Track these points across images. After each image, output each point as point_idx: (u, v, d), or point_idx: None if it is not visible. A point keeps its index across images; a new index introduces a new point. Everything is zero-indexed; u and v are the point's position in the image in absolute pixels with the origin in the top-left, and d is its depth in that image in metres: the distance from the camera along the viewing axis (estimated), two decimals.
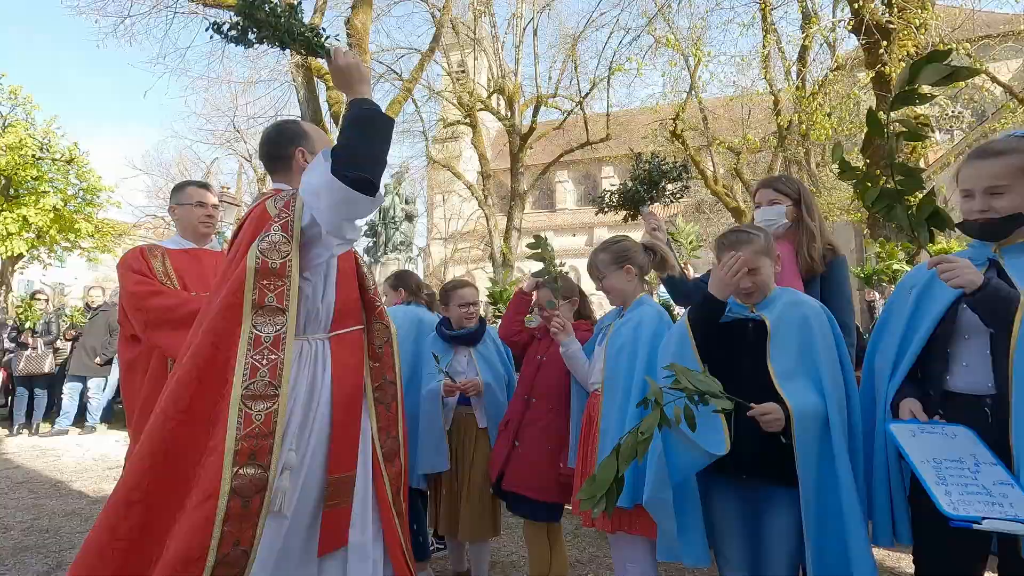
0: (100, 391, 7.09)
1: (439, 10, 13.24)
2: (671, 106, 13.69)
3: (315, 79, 9.25)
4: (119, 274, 2.39)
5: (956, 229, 1.57)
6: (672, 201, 2.63)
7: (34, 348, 6.97)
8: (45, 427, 6.97)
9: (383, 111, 1.59)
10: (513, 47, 16.41)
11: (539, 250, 2.49)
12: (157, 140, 44.49)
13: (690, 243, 3.72)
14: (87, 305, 7.61)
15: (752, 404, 1.62)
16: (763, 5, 10.34)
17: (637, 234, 2.70)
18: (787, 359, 1.72)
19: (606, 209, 2.66)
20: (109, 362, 6.99)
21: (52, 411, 7.21)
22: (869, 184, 1.76)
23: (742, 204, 14.18)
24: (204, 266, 2.50)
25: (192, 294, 2.35)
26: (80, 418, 7.07)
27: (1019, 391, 1.36)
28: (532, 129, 15.09)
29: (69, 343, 7.35)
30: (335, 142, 1.58)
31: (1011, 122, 11.86)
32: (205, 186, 2.68)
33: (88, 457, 5.64)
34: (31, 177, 13.52)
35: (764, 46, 10.53)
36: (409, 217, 19.07)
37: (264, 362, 1.49)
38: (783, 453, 1.63)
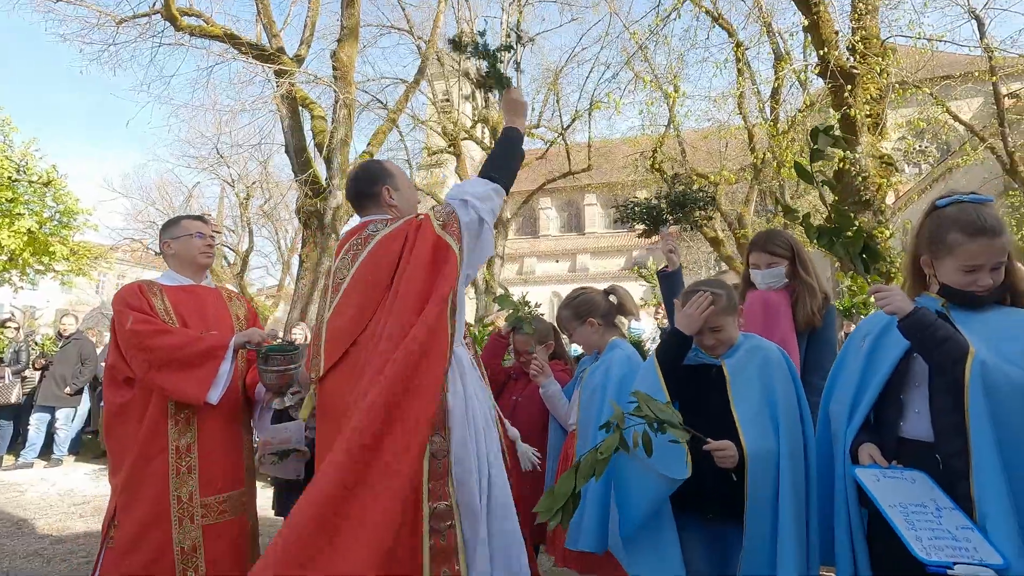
0: (68, 422, 6.90)
1: (425, 42, 13.53)
2: (650, 138, 14.06)
3: (300, 109, 9.34)
4: (116, 311, 2.25)
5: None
6: (693, 228, 2.72)
7: (1, 377, 6.78)
8: (9, 460, 6.74)
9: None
10: None
11: (506, 306, 2.56)
12: (138, 163, 44.00)
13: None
14: (59, 333, 7.46)
15: (708, 439, 1.68)
16: (736, 45, 10.76)
17: (619, 260, 2.80)
18: (749, 403, 1.79)
19: (627, 219, 2.72)
20: (80, 392, 6.82)
21: (17, 442, 6.98)
22: (810, 224, 1.93)
23: (720, 234, 14.49)
24: (203, 303, 2.40)
25: (201, 333, 2.25)
26: (47, 450, 6.85)
27: (977, 440, 1.39)
28: None
29: (38, 372, 7.17)
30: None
31: (972, 158, 12.40)
32: (200, 218, 2.60)
33: (53, 492, 5.46)
34: (6, 199, 13.27)
35: (739, 84, 10.92)
36: None
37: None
38: (741, 493, 1.69)
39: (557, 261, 31.84)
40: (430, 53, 12.56)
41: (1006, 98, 10.91)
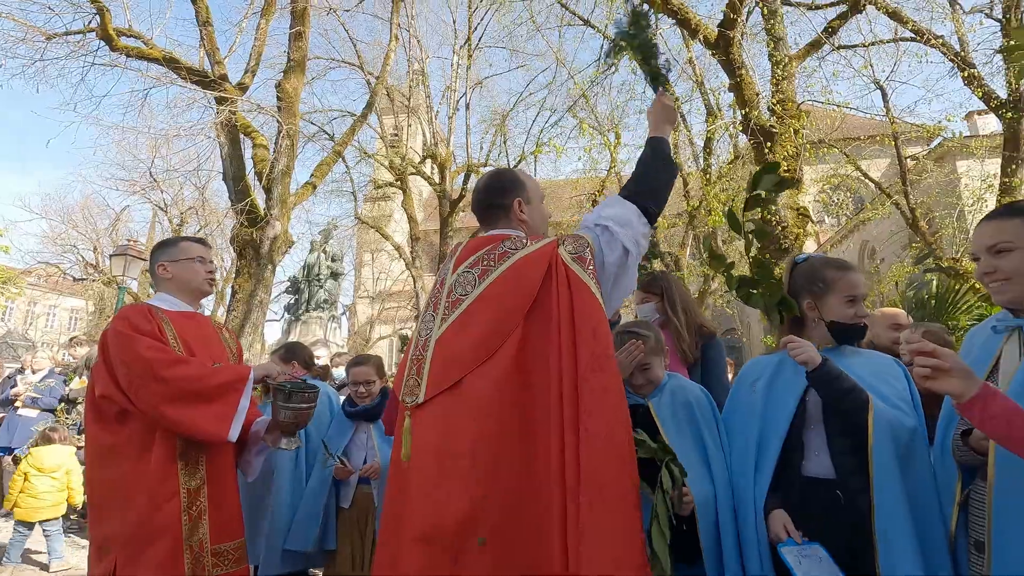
0: None
1: (375, 77, 13.66)
2: (592, 180, 14.61)
3: (241, 137, 9.15)
4: (121, 336, 1.94)
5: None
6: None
7: None
8: None
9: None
10: (447, 117, 17.06)
11: None
12: (60, 183, 41.41)
13: None
14: None
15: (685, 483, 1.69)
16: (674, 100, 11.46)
17: None
18: (684, 447, 1.81)
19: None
20: None
21: None
22: (731, 274, 2.01)
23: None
24: (205, 331, 2.19)
25: (215, 365, 2.03)
26: None
27: (879, 479, 1.51)
28: (462, 195, 15.52)
29: None
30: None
31: (881, 212, 13.59)
32: (202, 241, 2.36)
33: None
34: None
35: (673, 135, 11.60)
36: (335, 275, 18.70)
37: None
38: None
39: None
40: (379, 88, 12.66)
41: (908, 160, 12.09)
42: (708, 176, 11.59)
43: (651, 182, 1.66)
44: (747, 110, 6.32)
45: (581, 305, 1.45)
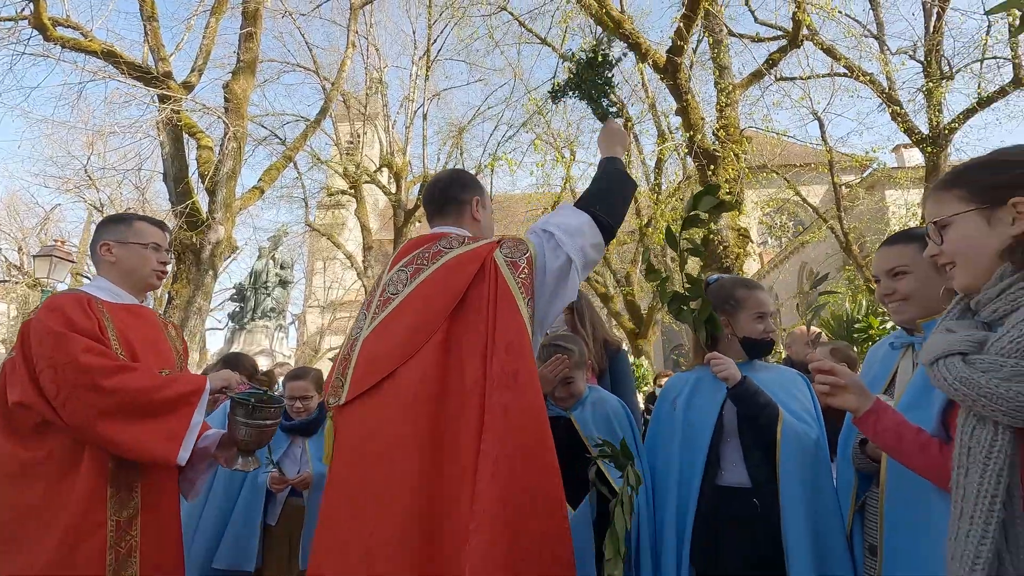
0: None
1: (330, 83, 13.46)
2: (548, 195, 14.82)
3: (185, 137, 8.82)
4: (51, 331, 1.61)
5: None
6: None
7: None
8: None
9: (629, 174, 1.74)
10: (404, 127, 16.99)
11: None
12: None
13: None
14: None
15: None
16: (626, 121, 11.81)
17: None
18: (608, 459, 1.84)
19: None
20: None
21: None
22: (665, 289, 2.07)
23: (611, 289, 15.35)
24: (151, 331, 1.87)
25: (163, 372, 1.75)
26: None
27: (785, 488, 1.62)
28: (417, 206, 15.43)
29: None
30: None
31: (819, 235, 14.37)
32: (160, 224, 1.98)
33: None
34: None
35: (626, 154, 11.96)
36: (284, 283, 18.13)
37: None
38: None
39: None
40: (335, 94, 12.50)
41: (842, 187, 12.87)
42: (658, 195, 11.97)
43: (607, 195, 1.63)
44: (692, 133, 6.60)
45: (501, 315, 1.39)
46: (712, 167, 6.45)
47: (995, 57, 9.58)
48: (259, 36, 9.03)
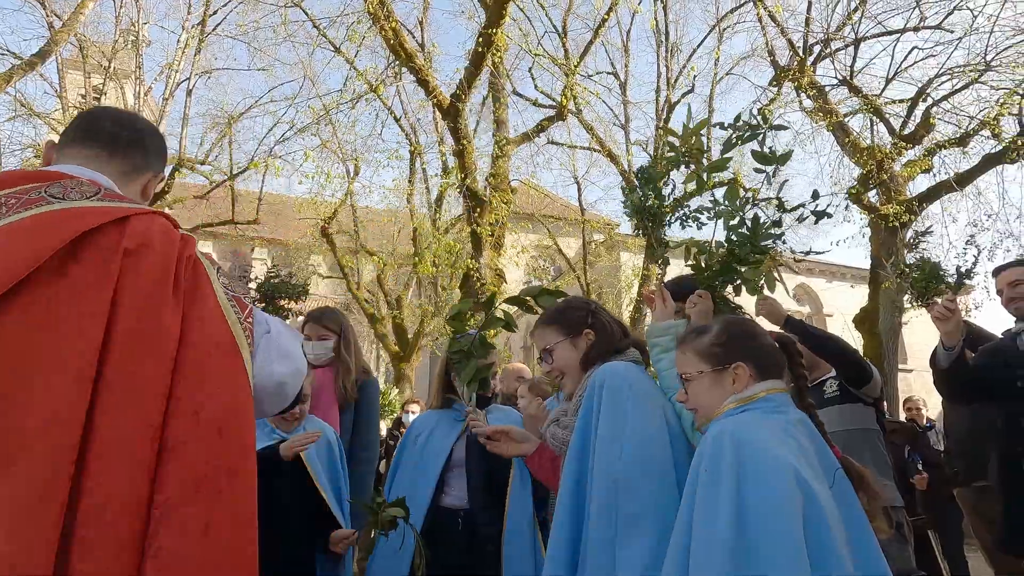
0: None
1: (60, 19, 10.90)
2: (327, 204, 14.17)
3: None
4: None
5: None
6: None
7: None
8: None
9: None
10: (162, 98, 14.60)
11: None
12: None
13: None
14: None
15: None
16: (413, 148, 12.11)
17: None
18: (326, 485, 2.16)
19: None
20: None
21: None
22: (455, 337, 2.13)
23: (383, 311, 15.21)
24: None
25: None
26: None
27: (511, 514, 2.06)
28: (167, 189, 13.27)
29: None
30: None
31: (570, 283, 16.50)
32: None
33: None
34: None
35: (410, 182, 12.22)
36: None
37: None
38: None
39: None
40: (62, 37, 10.18)
41: (591, 243, 15.13)
42: (437, 226, 12.43)
43: None
44: (464, 176, 7.10)
45: (214, 374, 0.89)
46: (479, 210, 7.02)
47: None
48: None
